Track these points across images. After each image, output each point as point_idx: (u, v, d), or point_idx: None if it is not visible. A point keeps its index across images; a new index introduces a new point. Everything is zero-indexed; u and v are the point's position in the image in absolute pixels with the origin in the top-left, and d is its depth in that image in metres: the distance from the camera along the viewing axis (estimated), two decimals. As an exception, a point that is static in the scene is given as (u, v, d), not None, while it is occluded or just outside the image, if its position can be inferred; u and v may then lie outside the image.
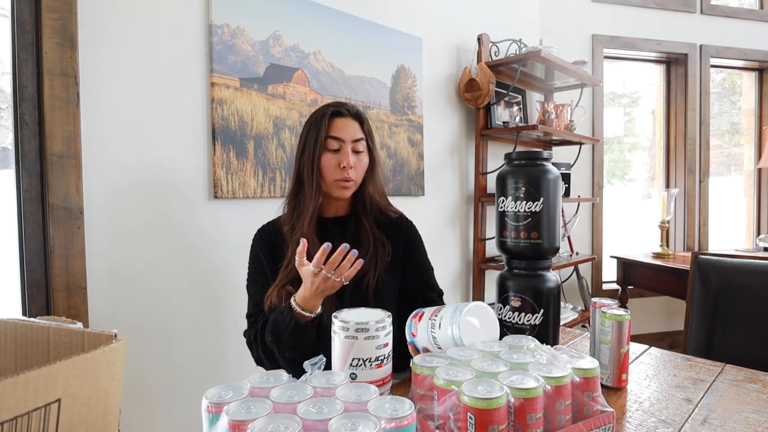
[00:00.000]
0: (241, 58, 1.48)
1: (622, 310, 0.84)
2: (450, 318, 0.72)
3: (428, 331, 0.75)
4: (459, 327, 0.70)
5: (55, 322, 0.53)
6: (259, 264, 1.04)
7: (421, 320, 0.78)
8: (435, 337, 0.74)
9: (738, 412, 0.74)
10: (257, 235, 1.08)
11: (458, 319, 0.70)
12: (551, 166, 0.91)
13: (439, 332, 0.73)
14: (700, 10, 3.05)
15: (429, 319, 0.76)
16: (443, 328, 0.72)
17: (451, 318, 0.72)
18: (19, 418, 0.38)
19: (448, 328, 0.71)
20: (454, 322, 0.71)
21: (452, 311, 0.73)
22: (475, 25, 2.36)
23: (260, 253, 1.05)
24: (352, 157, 1.00)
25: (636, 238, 3.27)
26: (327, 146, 1.00)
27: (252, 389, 0.55)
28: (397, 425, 0.46)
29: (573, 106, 2.47)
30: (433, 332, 0.74)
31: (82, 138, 1.19)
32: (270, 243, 1.05)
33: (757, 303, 1.35)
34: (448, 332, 0.71)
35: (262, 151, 1.53)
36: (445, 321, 0.73)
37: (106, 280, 1.24)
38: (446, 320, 0.72)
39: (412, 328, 0.79)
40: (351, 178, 1.00)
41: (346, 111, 1.02)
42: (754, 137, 3.30)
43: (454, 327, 0.71)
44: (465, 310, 0.71)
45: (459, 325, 0.70)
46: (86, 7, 1.19)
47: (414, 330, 0.79)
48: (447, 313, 0.73)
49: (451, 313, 0.73)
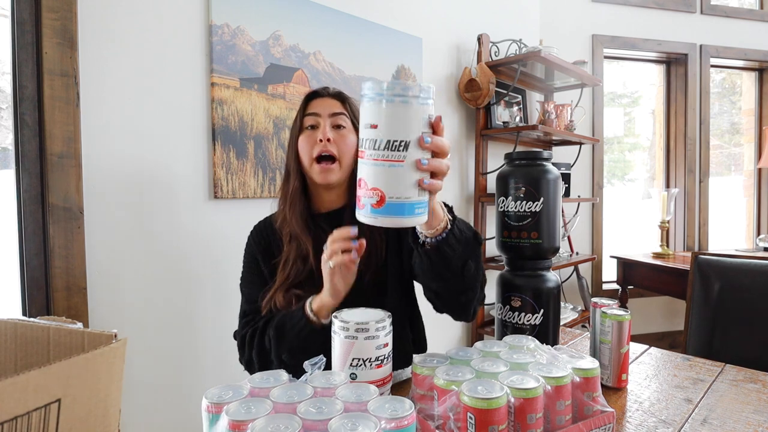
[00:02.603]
0: (241, 58, 1.48)
1: (622, 310, 0.84)
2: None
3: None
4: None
5: (55, 322, 0.53)
6: (254, 262, 0.99)
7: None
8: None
9: (738, 412, 0.74)
10: (252, 232, 1.03)
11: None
12: (551, 166, 0.91)
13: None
14: (700, 10, 3.05)
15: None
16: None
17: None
18: (19, 418, 0.38)
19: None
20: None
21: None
22: (475, 25, 2.36)
23: (255, 251, 1.00)
24: (330, 131, 0.91)
25: (636, 238, 3.27)
26: (303, 125, 0.93)
27: (252, 389, 0.55)
28: (397, 425, 0.46)
29: (573, 106, 2.47)
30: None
31: (82, 138, 1.19)
32: (265, 240, 1.00)
33: (757, 303, 1.35)
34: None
35: (262, 151, 1.53)
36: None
37: (106, 280, 1.24)
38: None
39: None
40: (330, 152, 0.90)
41: (324, 91, 0.97)
42: (754, 137, 3.30)
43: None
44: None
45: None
46: (86, 7, 1.19)
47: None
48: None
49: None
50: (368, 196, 0.58)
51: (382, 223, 0.58)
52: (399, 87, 0.57)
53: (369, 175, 0.58)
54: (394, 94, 0.57)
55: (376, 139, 0.58)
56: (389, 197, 0.57)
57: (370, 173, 0.58)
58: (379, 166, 0.58)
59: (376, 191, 0.58)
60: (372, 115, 0.58)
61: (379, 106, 0.58)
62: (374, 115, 0.58)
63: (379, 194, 0.58)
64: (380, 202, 0.58)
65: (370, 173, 0.58)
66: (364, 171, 0.59)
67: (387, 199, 0.57)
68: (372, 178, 0.58)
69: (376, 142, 0.58)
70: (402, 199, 0.58)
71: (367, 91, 0.59)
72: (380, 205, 0.58)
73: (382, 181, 0.58)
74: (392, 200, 0.58)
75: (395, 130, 0.57)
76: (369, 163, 0.58)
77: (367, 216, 0.59)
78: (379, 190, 0.58)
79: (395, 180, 0.58)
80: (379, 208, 0.58)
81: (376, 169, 0.58)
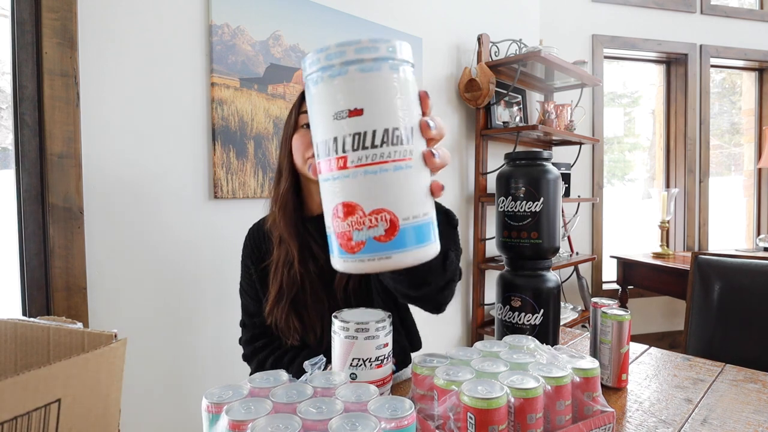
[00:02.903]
0: (241, 58, 1.48)
1: (622, 310, 0.84)
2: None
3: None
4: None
5: (55, 322, 0.53)
6: (247, 271, 0.98)
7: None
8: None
9: (738, 412, 0.74)
10: (246, 236, 1.01)
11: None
12: (551, 166, 0.91)
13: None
14: (700, 10, 3.05)
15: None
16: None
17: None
18: (19, 418, 0.38)
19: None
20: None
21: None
22: (475, 25, 2.36)
23: (248, 259, 0.98)
24: None
25: (636, 238, 3.27)
26: (299, 123, 0.87)
27: (252, 389, 0.55)
28: (397, 425, 0.46)
29: (573, 106, 2.47)
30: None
31: (82, 138, 1.19)
32: (257, 248, 0.97)
33: (758, 303, 1.35)
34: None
35: (262, 151, 1.53)
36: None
37: (106, 280, 1.24)
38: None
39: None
40: None
41: None
42: (754, 137, 3.30)
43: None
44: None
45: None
46: (86, 7, 1.19)
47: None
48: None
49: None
50: (366, 226, 0.38)
51: (398, 263, 0.39)
52: (384, 47, 0.39)
53: (361, 192, 0.38)
54: (376, 58, 0.39)
55: (363, 131, 0.38)
56: (404, 219, 0.39)
57: (363, 189, 0.38)
58: (378, 173, 0.38)
59: (381, 215, 0.38)
60: (349, 96, 0.38)
61: (357, 80, 0.38)
62: (352, 94, 0.38)
63: (386, 218, 0.38)
64: (391, 230, 0.38)
65: (362, 189, 0.38)
66: (347, 189, 0.39)
67: (401, 224, 0.38)
68: (368, 196, 0.38)
69: (364, 136, 0.38)
70: (420, 218, 0.40)
71: (327, 62, 0.39)
72: (391, 236, 0.38)
73: (389, 196, 0.38)
74: (408, 223, 0.39)
75: (391, 114, 0.39)
76: (356, 173, 0.38)
77: (370, 259, 0.39)
78: (386, 212, 0.38)
79: (408, 189, 0.39)
80: (390, 240, 0.38)
81: (373, 180, 0.38)
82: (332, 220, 0.41)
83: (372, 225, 0.38)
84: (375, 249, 0.38)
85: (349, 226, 0.39)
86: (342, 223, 0.39)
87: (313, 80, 0.40)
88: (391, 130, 0.39)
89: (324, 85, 0.39)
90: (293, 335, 0.90)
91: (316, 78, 0.40)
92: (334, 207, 0.40)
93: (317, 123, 0.41)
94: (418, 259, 0.40)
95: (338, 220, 0.40)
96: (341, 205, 0.39)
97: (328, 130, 0.40)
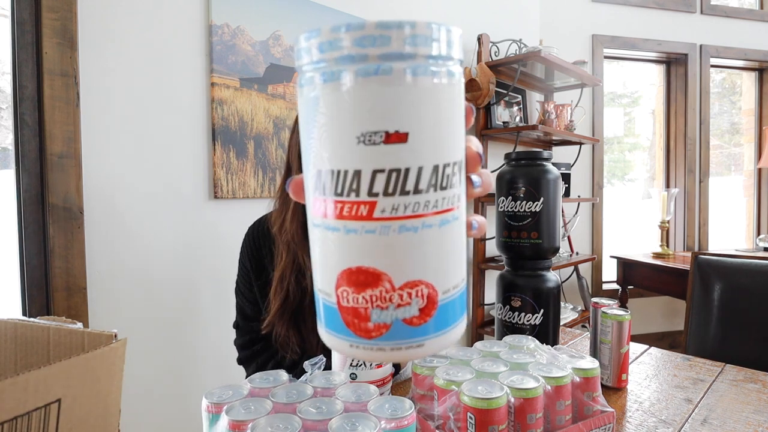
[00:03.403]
0: (241, 58, 1.48)
1: (622, 310, 0.84)
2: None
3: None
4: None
5: (55, 322, 0.53)
6: (246, 273, 0.94)
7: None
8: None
9: (738, 412, 0.74)
10: (246, 236, 0.96)
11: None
12: (551, 166, 0.91)
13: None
14: (700, 10, 3.05)
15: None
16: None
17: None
18: (19, 418, 0.38)
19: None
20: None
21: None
22: (475, 25, 2.36)
23: (247, 262, 0.94)
24: None
25: (636, 238, 3.27)
26: None
27: (252, 389, 0.55)
28: (397, 425, 0.46)
29: (573, 106, 2.47)
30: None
31: (82, 138, 1.19)
32: (257, 247, 0.93)
33: (758, 303, 1.35)
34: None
35: (262, 151, 1.53)
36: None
37: (106, 280, 1.24)
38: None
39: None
40: None
41: None
42: (754, 137, 3.30)
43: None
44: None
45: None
46: (86, 7, 1.19)
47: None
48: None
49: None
50: (394, 304, 0.26)
51: (430, 351, 0.28)
52: (444, 35, 0.25)
53: (393, 256, 0.26)
54: (436, 56, 0.25)
55: (405, 168, 0.25)
56: (443, 293, 0.27)
57: (397, 252, 0.26)
58: (420, 230, 0.26)
59: (417, 289, 0.26)
60: (390, 111, 0.24)
61: (407, 86, 0.25)
62: (397, 110, 0.25)
63: (423, 294, 0.26)
64: (427, 310, 0.27)
65: (394, 253, 0.26)
66: (368, 250, 0.26)
67: (440, 299, 0.27)
68: (402, 263, 0.26)
69: (405, 176, 0.25)
70: (459, 287, 0.28)
71: (355, 50, 0.24)
72: (426, 317, 0.27)
73: (431, 264, 0.26)
74: (448, 297, 0.27)
75: (446, 143, 0.26)
76: (386, 229, 0.25)
77: (395, 347, 0.26)
78: (424, 285, 0.26)
79: (452, 250, 0.27)
80: (425, 322, 0.27)
81: (411, 241, 0.26)
82: (335, 286, 0.27)
83: (402, 303, 0.26)
84: (403, 335, 0.26)
85: (367, 302, 0.26)
86: (355, 295, 0.27)
87: (324, 75, 0.25)
88: (442, 168, 0.26)
89: (345, 85, 0.25)
90: (292, 348, 0.86)
91: (331, 72, 0.25)
92: (342, 270, 0.27)
93: (323, 143, 0.26)
94: (451, 341, 0.29)
95: (347, 290, 0.27)
96: (356, 271, 0.26)
97: (346, 157, 0.25)
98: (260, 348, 0.93)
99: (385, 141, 0.25)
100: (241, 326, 0.95)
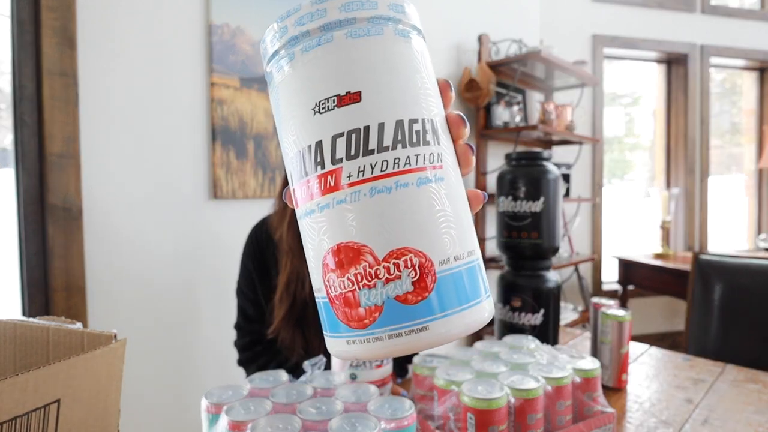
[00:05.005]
0: (241, 58, 1.48)
1: (622, 310, 0.84)
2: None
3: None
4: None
5: (55, 322, 0.53)
6: (249, 275, 0.94)
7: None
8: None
9: (739, 412, 0.74)
10: (249, 237, 0.96)
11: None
12: (551, 166, 0.91)
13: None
14: (700, 10, 3.05)
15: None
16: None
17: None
18: (18, 418, 0.38)
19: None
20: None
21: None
22: (475, 25, 2.36)
23: (250, 265, 0.94)
24: None
25: (636, 238, 3.26)
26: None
27: (252, 389, 0.55)
28: (397, 425, 0.46)
29: (573, 106, 2.47)
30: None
31: (82, 138, 1.19)
32: (260, 248, 0.93)
33: (758, 303, 1.34)
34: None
35: (262, 151, 1.53)
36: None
37: (106, 280, 1.24)
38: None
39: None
40: None
41: None
42: (755, 137, 3.30)
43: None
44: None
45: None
46: (86, 7, 1.19)
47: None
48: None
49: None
50: (381, 279, 0.23)
51: (440, 336, 0.23)
52: (384, 3, 0.27)
53: (368, 224, 0.23)
54: (375, 17, 0.26)
55: (363, 126, 0.24)
56: (441, 263, 0.24)
57: (371, 218, 0.23)
58: (394, 190, 0.23)
59: (405, 259, 0.23)
60: (337, 74, 0.24)
61: (347, 49, 0.25)
62: (342, 71, 0.24)
63: (413, 263, 0.23)
64: (422, 282, 0.23)
65: (369, 219, 0.23)
66: (344, 223, 0.24)
67: (438, 272, 0.23)
68: (379, 230, 0.23)
69: (366, 134, 0.24)
70: (465, 259, 0.25)
71: (297, 29, 0.26)
72: (424, 291, 0.23)
73: (415, 227, 0.23)
74: (448, 268, 0.24)
75: (406, 98, 0.25)
76: (356, 194, 0.23)
77: (392, 334, 0.23)
78: (413, 253, 0.23)
79: (443, 216, 0.24)
80: (424, 298, 0.23)
81: (386, 203, 0.23)
82: (323, 279, 0.25)
83: (391, 277, 0.23)
84: (399, 316, 0.23)
85: (353, 284, 0.23)
86: (340, 280, 0.24)
87: (278, 65, 0.26)
88: (407, 123, 0.24)
89: (295, 65, 0.25)
90: (298, 351, 0.87)
91: (283, 59, 0.26)
92: (323, 257, 0.24)
93: (288, 129, 0.26)
94: (466, 325, 0.24)
95: (332, 276, 0.24)
96: (335, 251, 0.24)
97: (306, 132, 0.25)
98: (261, 350, 0.93)
99: (339, 104, 0.24)
100: (243, 327, 0.95)
